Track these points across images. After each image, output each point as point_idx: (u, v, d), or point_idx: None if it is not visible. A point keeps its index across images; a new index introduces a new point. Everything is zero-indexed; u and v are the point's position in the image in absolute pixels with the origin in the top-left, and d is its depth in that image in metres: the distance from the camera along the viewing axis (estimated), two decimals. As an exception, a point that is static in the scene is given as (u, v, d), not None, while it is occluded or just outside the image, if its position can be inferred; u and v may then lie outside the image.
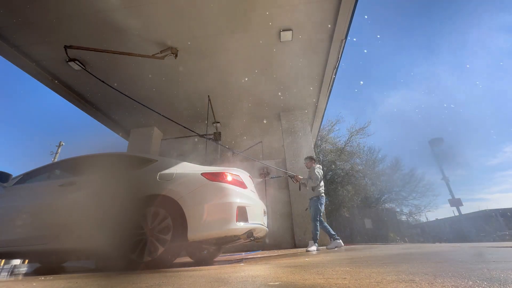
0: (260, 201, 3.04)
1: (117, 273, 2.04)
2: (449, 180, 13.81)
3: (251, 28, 4.42)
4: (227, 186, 2.47)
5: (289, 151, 6.37)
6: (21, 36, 4.35)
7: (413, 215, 23.29)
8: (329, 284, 1.01)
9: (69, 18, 4.07)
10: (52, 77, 5.29)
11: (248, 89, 5.95)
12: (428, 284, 0.89)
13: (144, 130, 7.25)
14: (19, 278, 2.77)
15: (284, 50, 4.95)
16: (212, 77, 5.54)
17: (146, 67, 5.14)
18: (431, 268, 1.31)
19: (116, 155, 3.13)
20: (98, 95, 6.01)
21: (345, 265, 1.62)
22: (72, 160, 3.15)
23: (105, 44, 4.55)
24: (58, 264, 3.78)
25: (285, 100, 6.49)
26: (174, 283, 1.26)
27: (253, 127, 7.61)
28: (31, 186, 2.94)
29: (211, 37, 4.57)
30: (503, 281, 0.86)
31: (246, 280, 1.25)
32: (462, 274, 1.03)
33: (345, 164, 17.53)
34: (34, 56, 4.80)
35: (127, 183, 2.62)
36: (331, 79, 5.80)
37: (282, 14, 4.20)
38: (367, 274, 1.19)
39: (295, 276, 1.28)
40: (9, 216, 2.72)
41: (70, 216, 2.53)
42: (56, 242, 2.45)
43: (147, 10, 4.01)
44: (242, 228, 2.37)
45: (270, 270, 1.69)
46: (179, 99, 6.22)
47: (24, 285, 1.60)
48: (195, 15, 4.13)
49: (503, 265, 1.25)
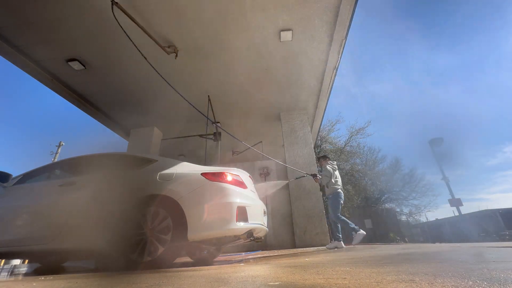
0: (260, 201, 3.04)
1: (117, 273, 2.04)
2: (449, 180, 13.76)
3: (251, 28, 4.42)
4: (227, 186, 2.47)
5: (289, 151, 6.37)
6: (21, 36, 4.35)
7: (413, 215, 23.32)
8: (329, 284, 1.01)
9: (69, 18, 4.07)
10: (52, 77, 5.29)
11: (248, 89, 5.95)
12: (428, 284, 0.89)
13: (144, 130, 7.25)
14: (19, 278, 2.77)
15: (284, 50, 4.95)
16: (212, 77, 5.54)
17: (146, 67, 5.13)
18: (431, 268, 1.31)
19: (116, 155, 3.13)
20: (98, 95, 6.01)
21: (345, 265, 1.62)
22: (72, 160, 3.15)
23: (105, 44, 4.56)
24: (58, 264, 3.77)
25: (285, 100, 6.49)
26: (174, 283, 1.26)
27: (253, 127, 7.61)
28: (31, 186, 2.94)
29: (211, 37, 4.57)
30: (503, 281, 0.86)
31: (246, 280, 1.25)
32: (462, 274, 1.03)
33: (345, 164, 17.52)
34: (34, 56, 4.80)
35: (127, 183, 2.62)
36: (331, 79, 5.80)
37: (282, 14, 4.20)
38: (367, 274, 1.19)
39: (295, 276, 1.28)
40: (9, 216, 2.72)
41: (70, 216, 2.53)
42: (56, 242, 2.45)
43: (147, 10, 4.01)
44: (242, 228, 2.37)
45: (270, 270, 1.69)
46: (178, 99, 6.21)
47: (24, 285, 1.60)
48: (195, 15, 4.13)
49: (503, 265, 1.25)
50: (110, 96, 6.01)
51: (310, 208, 5.67)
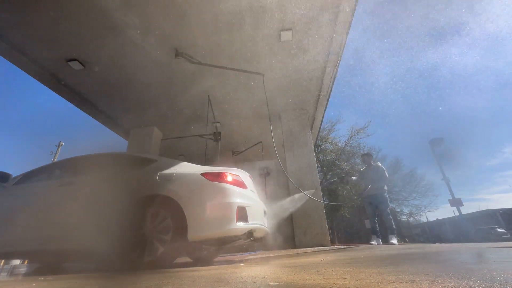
0: (261, 201, 3.04)
1: (117, 273, 2.04)
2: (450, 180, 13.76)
3: (251, 28, 4.42)
4: (227, 186, 2.47)
5: (289, 151, 6.37)
6: (21, 36, 4.35)
7: (414, 215, 23.34)
8: (329, 284, 1.01)
9: (69, 18, 4.07)
10: (52, 77, 5.29)
11: (248, 89, 5.95)
12: (428, 284, 0.89)
13: (144, 130, 7.25)
14: (19, 278, 2.77)
15: (284, 50, 4.95)
16: (212, 77, 5.54)
17: (145, 67, 5.14)
18: (431, 268, 1.31)
19: (116, 155, 3.13)
20: (98, 95, 6.00)
21: (345, 265, 1.62)
22: (72, 160, 3.15)
23: (105, 44, 4.55)
24: (58, 264, 3.77)
25: (285, 100, 6.48)
26: (174, 283, 1.26)
27: (253, 127, 7.61)
28: (31, 186, 2.94)
29: (211, 37, 4.56)
30: (503, 281, 0.86)
31: (246, 280, 1.25)
32: (462, 274, 1.03)
33: (345, 164, 17.52)
34: (34, 56, 4.79)
35: (127, 183, 2.62)
36: (331, 79, 5.80)
37: (282, 14, 4.20)
38: (367, 274, 1.19)
39: (295, 276, 1.28)
40: (9, 216, 2.72)
41: (70, 216, 2.53)
42: (56, 242, 2.45)
43: (147, 10, 4.01)
44: (242, 228, 2.37)
45: (270, 270, 1.69)
46: (178, 99, 6.22)
47: (24, 285, 1.60)
48: (195, 15, 4.13)
49: (503, 265, 1.25)
50: (110, 96, 6.01)
51: (310, 208, 5.67)
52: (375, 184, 4.90)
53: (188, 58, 4.77)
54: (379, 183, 4.90)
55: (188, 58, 4.77)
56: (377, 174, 4.94)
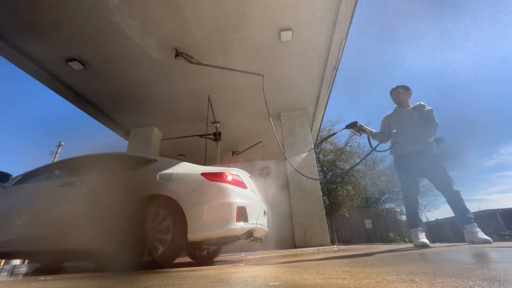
0: (261, 201, 3.04)
1: (117, 273, 2.04)
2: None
3: (251, 28, 4.42)
4: (227, 186, 2.47)
5: (289, 151, 6.37)
6: (21, 36, 4.35)
7: (413, 215, 23.26)
8: (329, 284, 1.01)
9: (69, 18, 4.07)
10: (52, 77, 5.29)
11: (248, 89, 5.95)
12: (428, 284, 0.89)
13: (144, 130, 7.25)
14: (19, 278, 2.77)
15: (284, 50, 4.95)
16: (212, 77, 5.54)
17: (145, 67, 5.14)
18: (431, 268, 1.31)
19: (115, 155, 3.13)
20: (98, 95, 6.00)
21: (345, 265, 1.62)
22: (72, 160, 3.15)
23: (105, 44, 4.55)
24: (58, 264, 3.77)
25: (285, 100, 6.49)
26: (174, 283, 1.26)
27: (253, 127, 7.61)
28: (31, 186, 2.94)
29: (211, 37, 4.56)
30: (503, 281, 0.86)
31: (246, 280, 1.25)
32: (462, 274, 1.03)
33: (345, 164, 17.52)
34: (34, 56, 4.79)
35: (127, 183, 2.62)
36: (331, 79, 5.79)
37: (282, 14, 4.19)
38: (367, 274, 1.19)
39: (295, 276, 1.28)
40: (9, 216, 2.72)
41: (70, 216, 2.53)
42: (56, 242, 2.45)
43: (147, 10, 4.00)
44: (242, 228, 2.37)
45: (270, 270, 1.69)
46: (178, 99, 6.22)
47: (24, 285, 1.60)
48: (195, 15, 4.13)
49: (503, 265, 1.25)
50: (110, 96, 6.01)
51: (310, 208, 5.68)
52: (418, 133, 2.95)
53: (188, 58, 4.78)
54: (425, 132, 2.95)
55: (188, 58, 4.78)
56: (420, 118, 2.99)
